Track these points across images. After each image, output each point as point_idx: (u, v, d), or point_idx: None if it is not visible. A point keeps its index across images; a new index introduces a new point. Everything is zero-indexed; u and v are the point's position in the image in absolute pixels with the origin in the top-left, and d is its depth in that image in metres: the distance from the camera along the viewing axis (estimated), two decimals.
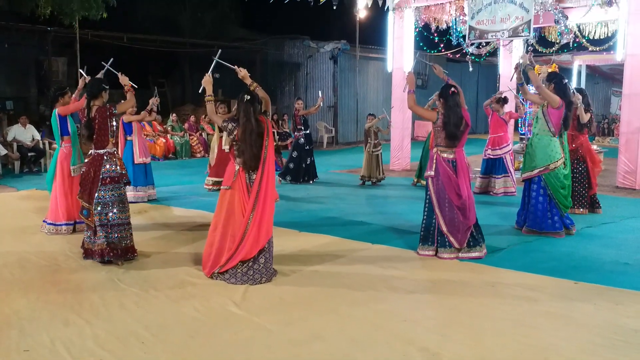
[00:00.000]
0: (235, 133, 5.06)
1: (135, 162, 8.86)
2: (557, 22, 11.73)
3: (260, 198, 4.98)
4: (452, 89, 5.76)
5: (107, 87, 5.77)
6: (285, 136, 18.27)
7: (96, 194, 5.50)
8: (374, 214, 8.11)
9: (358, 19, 19.77)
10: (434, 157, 5.82)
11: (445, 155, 5.77)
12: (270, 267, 5.07)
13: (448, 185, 5.71)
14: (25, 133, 12.77)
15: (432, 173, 5.79)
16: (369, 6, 13.79)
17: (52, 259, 5.74)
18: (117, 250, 5.53)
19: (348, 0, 13.71)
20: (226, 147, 9.16)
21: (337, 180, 11.67)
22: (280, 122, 19.01)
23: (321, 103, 11.38)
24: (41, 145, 12.91)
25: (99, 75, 6.43)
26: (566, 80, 6.84)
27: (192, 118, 17.28)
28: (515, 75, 6.97)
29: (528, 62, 6.79)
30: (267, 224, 5.04)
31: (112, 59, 6.70)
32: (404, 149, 13.34)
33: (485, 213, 7.58)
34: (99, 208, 5.49)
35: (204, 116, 17.05)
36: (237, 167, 5.08)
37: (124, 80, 6.09)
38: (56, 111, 6.73)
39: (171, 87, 23.57)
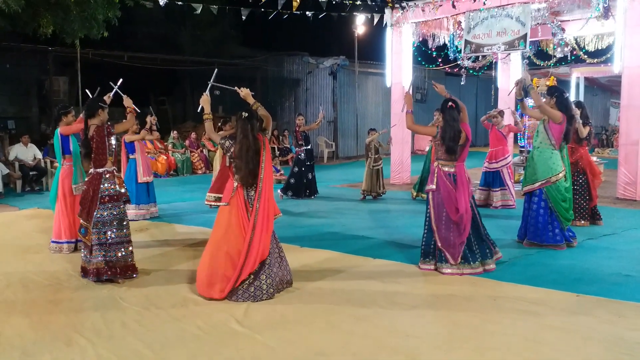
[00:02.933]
0: (232, 150, 5.10)
1: (139, 181, 8.92)
2: (554, 35, 11.82)
3: (260, 215, 5.00)
4: (450, 103, 5.80)
5: (105, 106, 5.83)
6: (285, 152, 18.33)
7: (95, 213, 5.52)
8: (375, 229, 8.11)
9: (356, 35, 19.94)
10: (435, 171, 5.84)
11: (445, 169, 5.79)
12: (272, 284, 5.04)
13: (447, 199, 5.72)
14: (26, 152, 12.82)
15: (434, 187, 5.80)
16: (368, 18, 13.92)
17: (54, 278, 5.75)
18: (115, 268, 5.53)
19: (346, 17, 13.82)
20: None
21: (337, 194, 11.69)
22: (280, 137, 19.09)
23: (322, 119, 11.43)
24: (43, 164, 12.97)
25: (107, 96, 6.50)
26: (567, 94, 6.88)
27: (193, 135, 17.35)
28: (515, 90, 7.02)
29: (530, 83, 6.82)
30: (267, 240, 5.04)
31: (121, 80, 6.78)
32: (404, 163, 13.37)
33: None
34: (98, 227, 5.51)
35: (204, 133, 17.12)
36: (235, 184, 5.11)
37: (127, 102, 6.27)
38: (58, 130, 6.79)
39: (172, 104, 23.71)
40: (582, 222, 7.91)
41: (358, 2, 12.17)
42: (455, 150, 5.74)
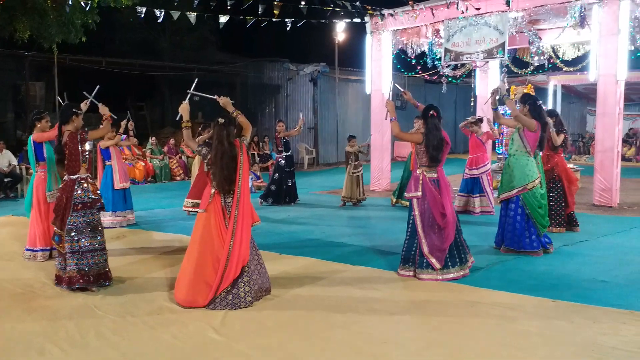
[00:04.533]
0: (208, 157, 5.08)
1: (116, 187, 8.81)
2: (530, 43, 11.97)
3: (239, 222, 4.97)
4: (432, 111, 5.84)
5: (80, 112, 5.76)
6: (266, 158, 18.28)
7: (68, 220, 5.44)
8: (354, 235, 8.11)
9: (337, 42, 20.01)
10: (420, 178, 5.83)
11: (429, 175, 5.82)
12: (250, 292, 4.99)
13: (434, 205, 5.73)
14: (1, 158, 12.60)
15: (420, 194, 5.79)
16: (347, 24, 13.98)
17: (28, 286, 5.64)
18: (88, 277, 5.44)
19: (327, 24, 13.86)
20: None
21: (318, 201, 11.68)
22: (260, 144, 19.05)
23: (302, 125, 11.41)
24: (18, 171, 12.76)
25: (83, 103, 6.41)
26: (540, 102, 6.97)
27: (172, 141, 17.22)
28: (490, 100, 7.09)
29: (505, 93, 6.89)
30: (246, 248, 5.01)
31: (97, 87, 6.70)
32: (384, 169, 13.42)
33: (464, 232, 7.61)
34: (71, 234, 5.43)
35: (183, 139, 17.00)
36: (212, 191, 5.07)
37: (103, 110, 6.23)
38: (31, 138, 6.69)
39: (150, 110, 23.54)
40: (559, 228, 7.99)
41: (338, 9, 12.21)
42: (438, 158, 5.78)
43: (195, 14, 11.63)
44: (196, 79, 5.71)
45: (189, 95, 5.53)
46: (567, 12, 10.54)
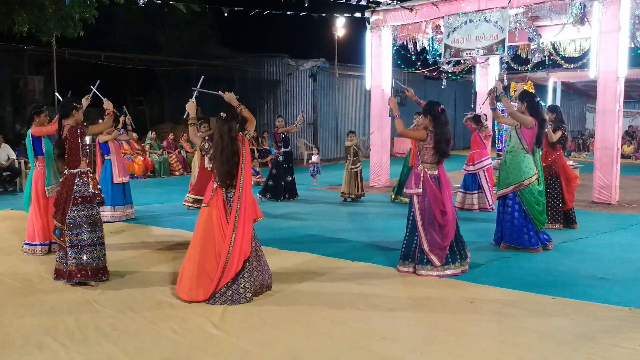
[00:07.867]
0: (210, 152, 5.08)
1: (115, 181, 8.81)
2: (530, 40, 11.95)
3: (241, 217, 4.96)
4: (442, 106, 5.83)
5: (80, 106, 5.75)
6: (265, 153, 18.26)
7: (68, 214, 5.43)
8: (354, 231, 8.11)
9: (337, 37, 19.97)
10: (421, 175, 5.80)
11: (430, 172, 5.80)
12: (250, 289, 4.97)
13: (434, 202, 5.72)
14: (0, 152, 12.58)
15: (420, 190, 5.76)
16: (348, 19, 13.98)
17: (27, 281, 5.64)
18: (86, 271, 5.41)
19: (327, 19, 13.85)
20: (209, 166, 9.14)
21: (317, 197, 11.67)
22: (260, 139, 19.02)
23: (300, 122, 11.38)
24: (17, 165, 12.73)
25: (85, 98, 6.40)
26: (538, 99, 6.96)
27: (171, 136, 17.20)
28: (488, 100, 7.09)
29: (502, 91, 6.90)
30: (247, 242, 5.01)
31: (98, 81, 6.70)
32: (383, 165, 13.41)
33: (463, 229, 7.59)
34: (70, 228, 5.41)
35: (182, 134, 16.99)
36: (215, 185, 5.07)
37: (107, 104, 6.27)
38: (29, 132, 6.67)
39: (149, 104, 23.49)
40: (556, 225, 7.98)
41: (340, 0, 12.19)
42: (448, 152, 5.77)
43: (198, 5, 11.63)
44: (202, 77, 5.73)
45: (195, 93, 5.54)
46: (568, 9, 10.52)
